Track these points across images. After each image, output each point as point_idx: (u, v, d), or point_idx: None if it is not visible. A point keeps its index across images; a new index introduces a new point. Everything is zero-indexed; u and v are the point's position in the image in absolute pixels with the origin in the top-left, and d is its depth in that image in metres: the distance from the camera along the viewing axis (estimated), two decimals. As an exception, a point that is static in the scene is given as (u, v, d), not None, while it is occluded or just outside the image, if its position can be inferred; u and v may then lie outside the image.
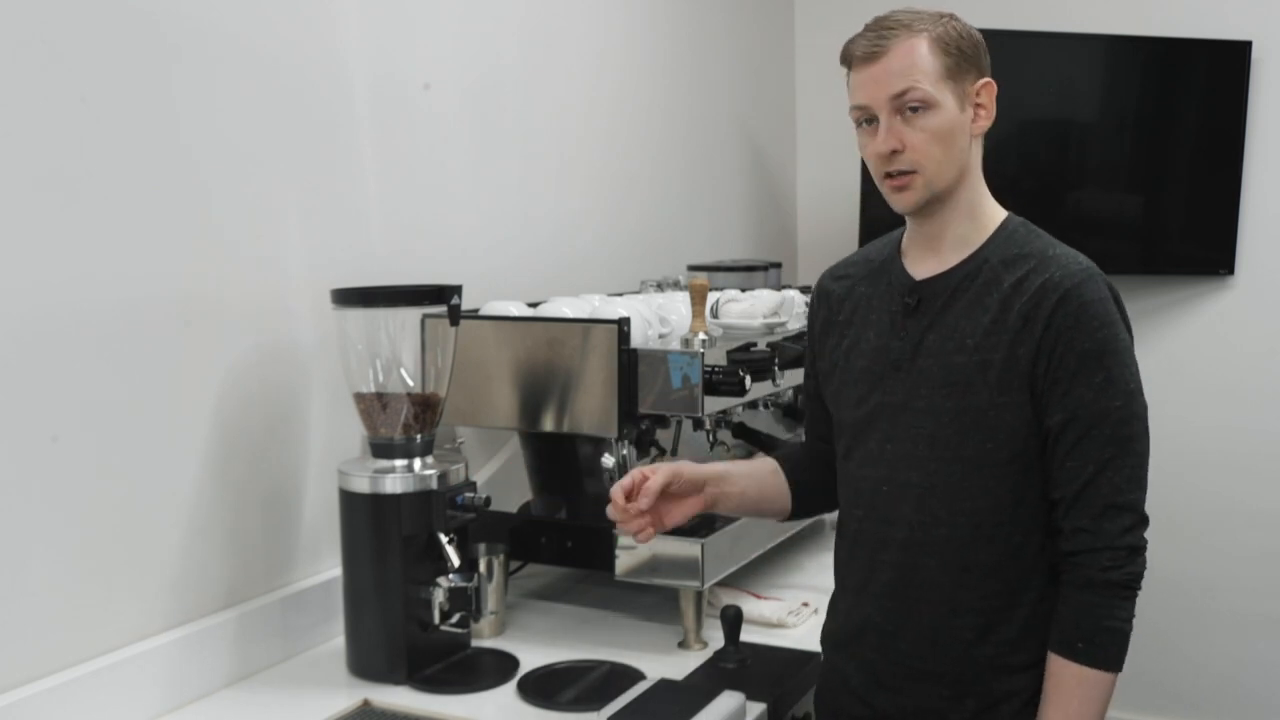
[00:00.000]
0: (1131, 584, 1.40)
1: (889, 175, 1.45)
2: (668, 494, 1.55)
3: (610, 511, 1.54)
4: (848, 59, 1.45)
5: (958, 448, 1.44)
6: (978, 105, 1.45)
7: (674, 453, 2.15)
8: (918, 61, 1.41)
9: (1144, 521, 1.41)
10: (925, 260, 1.51)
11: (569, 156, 2.61)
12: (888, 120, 1.42)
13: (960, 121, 1.43)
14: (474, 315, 2.04)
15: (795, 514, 1.73)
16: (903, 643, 1.50)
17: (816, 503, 1.72)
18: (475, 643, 1.88)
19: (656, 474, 1.54)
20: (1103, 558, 1.39)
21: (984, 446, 1.43)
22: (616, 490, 1.53)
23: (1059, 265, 1.42)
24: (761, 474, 1.70)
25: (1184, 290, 3.45)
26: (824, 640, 1.64)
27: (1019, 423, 1.42)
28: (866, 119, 1.45)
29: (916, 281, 1.50)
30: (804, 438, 1.76)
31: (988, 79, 1.46)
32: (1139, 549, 1.40)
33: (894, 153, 1.42)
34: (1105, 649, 1.39)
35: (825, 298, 1.63)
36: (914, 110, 1.41)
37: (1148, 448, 1.43)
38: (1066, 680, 1.40)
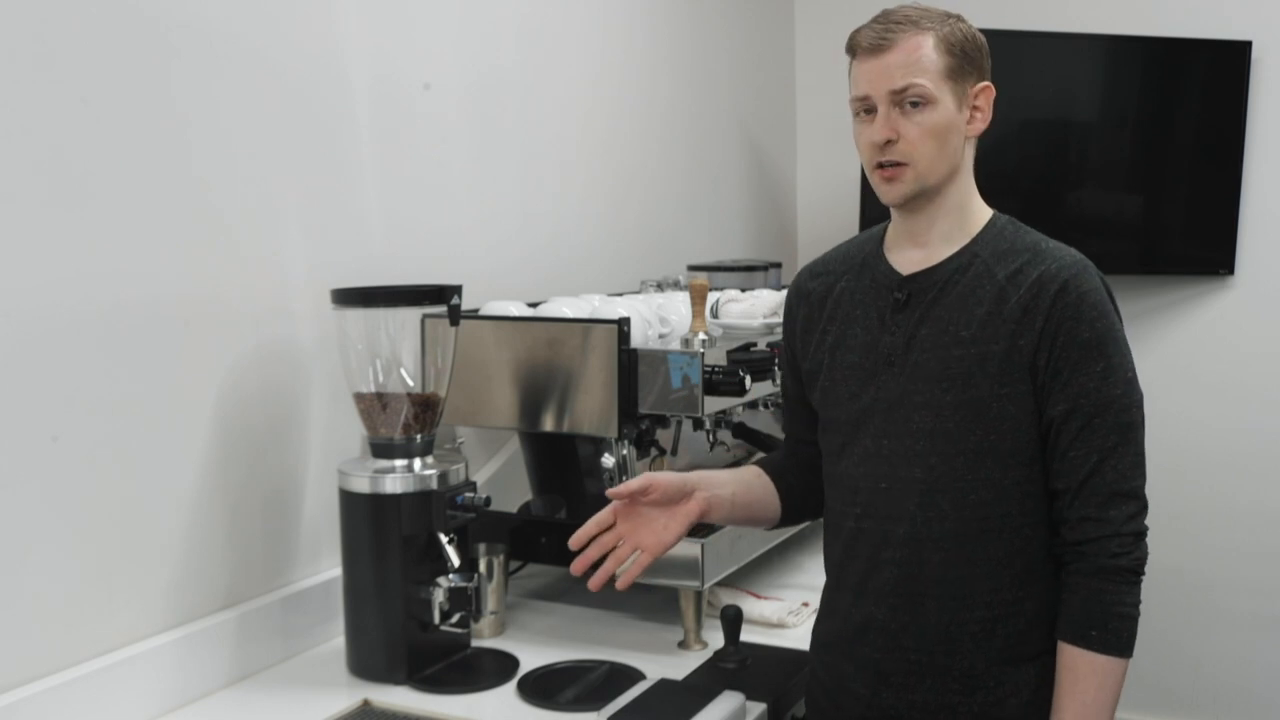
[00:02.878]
0: (1138, 569, 1.42)
1: (880, 166, 1.46)
2: (653, 503, 1.53)
3: (576, 541, 1.52)
4: (853, 48, 1.47)
5: (960, 440, 1.44)
6: (975, 108, 1.47)
7: (674, 453, 2.15)
8: (921, 58, 1.42)
9: (1146, 508, 1.44)
10: (911, 255, 1.51)
11: (569, 156, 2.61)
12: (886, 111, 1.44)
13: (956, 121, 1.45)
14: (474, 315, 2.04)
15: (784, 519, 1.70)
16: (909, 640, 1.49)
17: (806, 506, 1.70)
18: (475, 643, 1.88)
19: (631, 481, 1.53)
20: (1111, 545, 1.41)
21: (987, 438, 1.44)
22: (591, 526, 1.53)
23: (1054, 258, 1.45)
24: (746, 479, 1.67)
25: (1184, 290, 3.45)
26: (815, 641, 1.63)
27: (1021, 413, 1.43)
28: (866, 109, 1.46)
29: (905, 276, 1.51)
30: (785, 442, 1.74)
31: (987, 83, 1.48)
32: (1143, 534, 1.43)
33: (888, 143, 1.44)
34: (1118, 635, 1.41)
35: (805, 297, 1.62)
36: (914, 105, 1.43)
37: (1144, 434, 1.45)
38: (1081, 669, 1.41)
